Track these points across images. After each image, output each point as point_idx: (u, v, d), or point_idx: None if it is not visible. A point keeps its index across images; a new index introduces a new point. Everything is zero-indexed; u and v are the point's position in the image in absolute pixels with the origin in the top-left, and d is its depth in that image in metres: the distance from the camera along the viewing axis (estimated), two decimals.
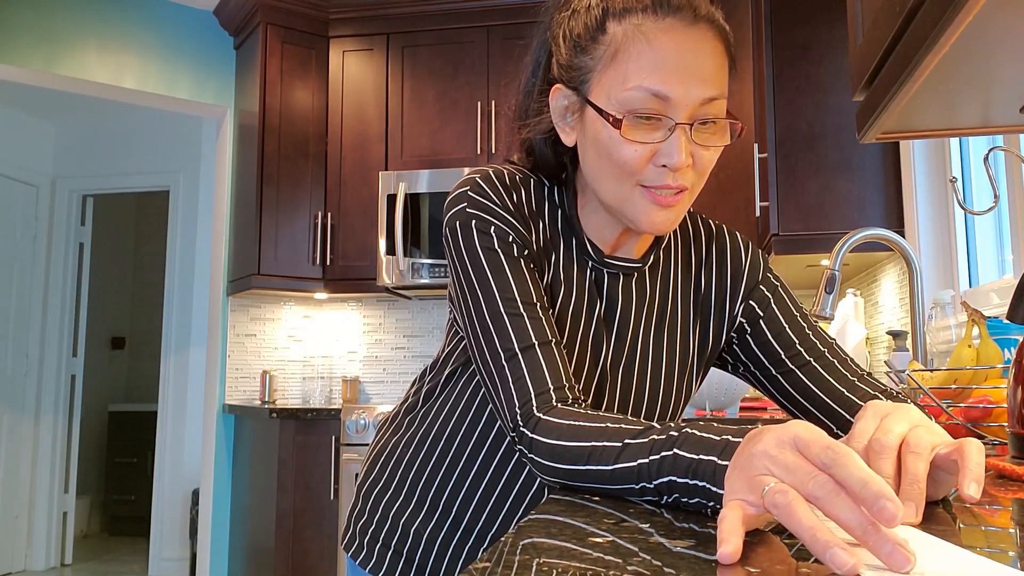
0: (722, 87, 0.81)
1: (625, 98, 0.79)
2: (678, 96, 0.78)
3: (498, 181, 0.88)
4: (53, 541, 4.60)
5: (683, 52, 0.78)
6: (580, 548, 0.52)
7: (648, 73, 0.78)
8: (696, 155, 0.81)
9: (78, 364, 4.77)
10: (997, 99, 1.00)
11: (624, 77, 0.79)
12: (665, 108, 0.78)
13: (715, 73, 0.80)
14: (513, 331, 0.80)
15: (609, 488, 0.70)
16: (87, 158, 4.80)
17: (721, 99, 0.80)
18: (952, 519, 0.62)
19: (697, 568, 0.46)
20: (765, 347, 0.96)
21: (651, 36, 0.78)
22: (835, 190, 2.38)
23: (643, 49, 0.78)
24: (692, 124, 0.79)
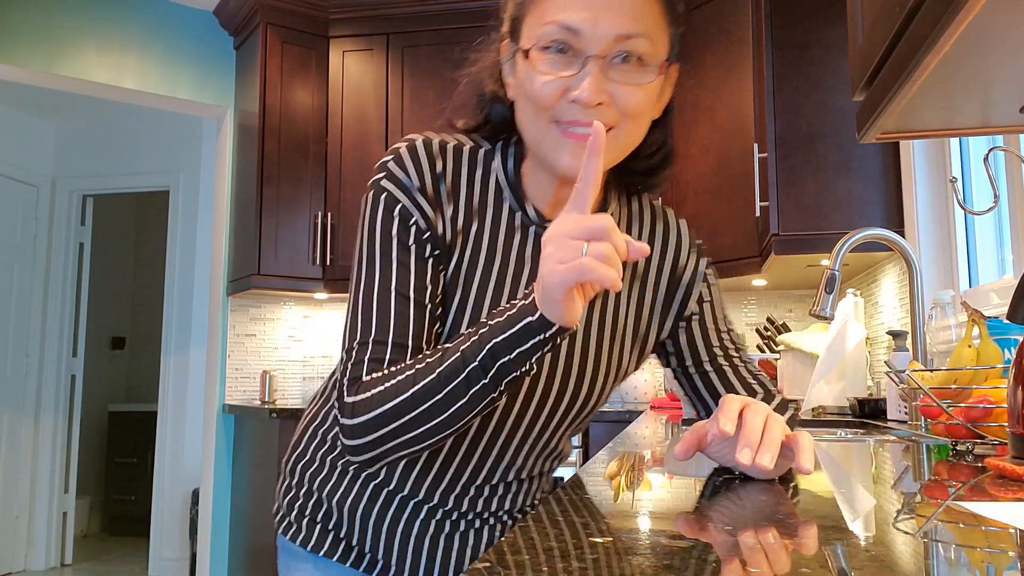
0: (643, 25, 0.79)
1: (540, 34, 0.80)
2: (587, 29, 0.78)
3: (424, 153, 0.87)
4: (53, 541, 4.60)
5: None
6: (580, 548, 0.52)
7: (561, 8, 0.78)
8: (615, 93, 0.80)
9: (78, 364, 4.77)
10: (997, 99, 1.00)
11: (542, 14, 0.80)
12: (577, 42, 0.78)
13: (635, 9, 0.78)
14: (376, 319, 0.81)
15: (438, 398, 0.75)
16: (87, 158, 4.80)
17: (641, 37, 0.79)
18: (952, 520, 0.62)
19: (697, 568, 0.46)
20: (691, 344, 0.99)
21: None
22: (835, 190, 2.38)
23: None
24: (607, 59, 0.79)
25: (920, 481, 0.89)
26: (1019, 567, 0.47)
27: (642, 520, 0.63)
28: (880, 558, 0.50)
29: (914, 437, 1.49)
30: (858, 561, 0.49)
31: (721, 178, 2.89)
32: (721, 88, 2.91)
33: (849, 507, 0.70)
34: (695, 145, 3.03)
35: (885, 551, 0.52)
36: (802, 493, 0.78)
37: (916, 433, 1.55)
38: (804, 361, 2.52)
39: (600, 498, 0.74)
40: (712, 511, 0.68)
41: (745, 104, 2.77)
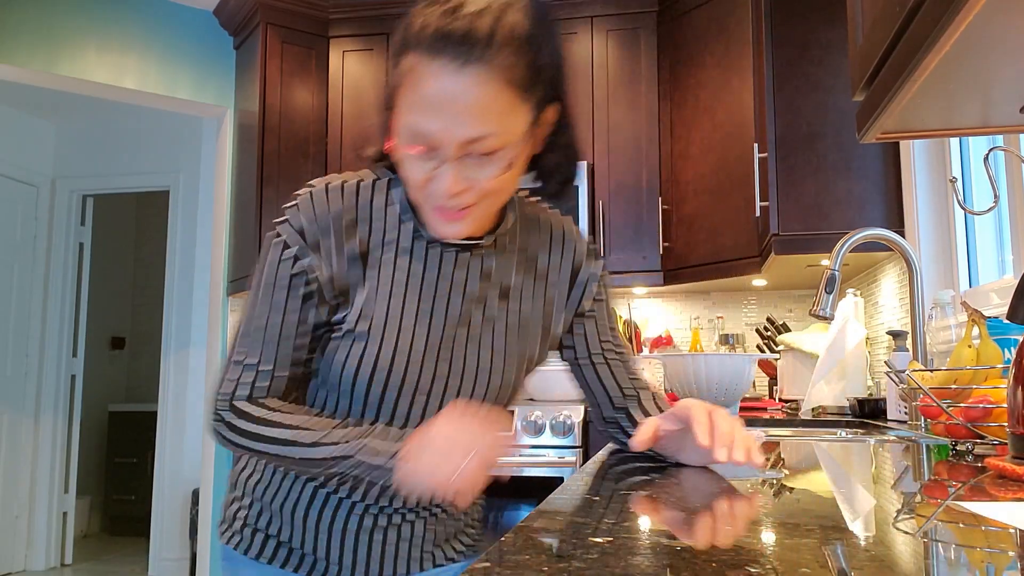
0: (490, 124, 0.82)
1: (402, 128, 0.85)
2: (438, 137, 0.82)
3: (321, 200, 0.93)
4: (53, 541, 4.60)
5: (445, 95, 0.81)
6: (580, 548, 0.52)
7: (414, 112, 0.83)
8: (474, 179, 0.85)
9: (78, 364, 4.77)
10: (997, 99, 1.01)
11: (403, 107, 0.85)
12: (431, 143, 0.83)
13: (484, 114, 0.82)
14: (250, 345, 0.92)
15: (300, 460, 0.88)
16: (87, 158, 4.80)
17: (488, 137, 0.83)
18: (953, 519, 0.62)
19: (697, 567, 0.46)
20: (585, 339, 1.09)
21: (422, 76, 0.82)
22: (835, 190, 2.38)
23: (416, 87, 0.83)
24: (460, 158, 0.84)
25: (920, 481, 0.89)
26: (1019, 567, 0.47)
27: (642, 520, 0.63)
28: (880, 558, 0.50)
29: (914, 437, 1.49)
30: (858, 561, 0.49)
31: (721, 178, 2.89)
32: (721, 88, 2.91)
33: (849, 507, 0.70)
34: (695, 145, 3.03)
35: (885, 551, 0.52)
36: (802, 493, 0.78)
37: (916, 433, 1.55)
38: (804, 361, 2.52)
39: (600, 498, 0.74)
40: (712, 511, 0.68)
41: (745, 104, 2.77)
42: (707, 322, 3.41)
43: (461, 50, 0.80)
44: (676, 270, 3.08)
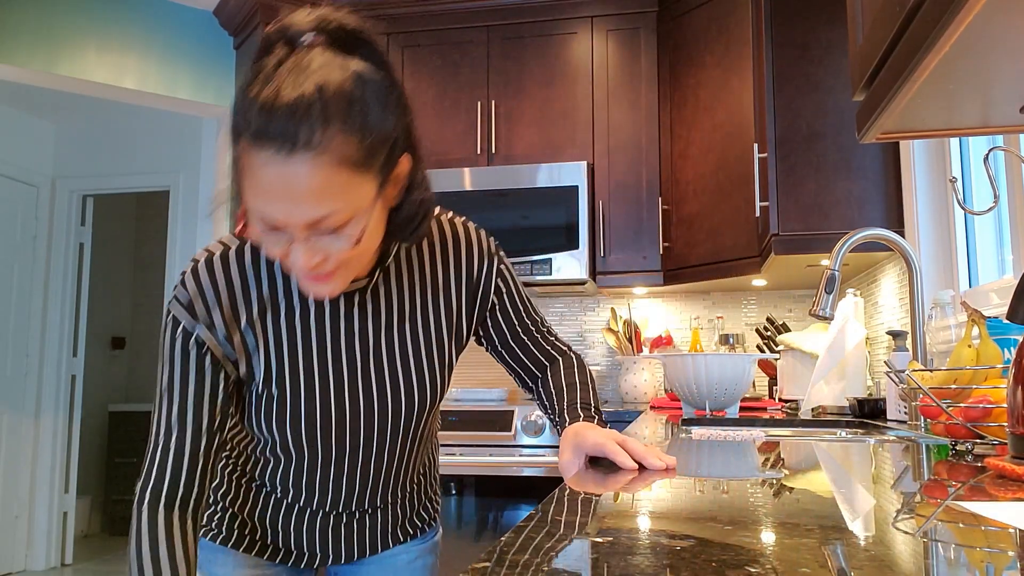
0: (330, 204, 0.81)
1: (250, 209, 0.84)
2: (281, 223, 0.82)
3: (205, 273, 0.97)
4: (53, 541, 4.60)
5: (278, 184, 0.80)
6: (580, 547, 0.52)
7: (255, 198, 0.82)
8: (328, 252, 0.86)
9: (78, 364, 4.77)
10: (997, 99, 1.01)
11: (246, 193, 0.84)
12: (276, 226, 0.83)
13: (322, 197, 0.80)
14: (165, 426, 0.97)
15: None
16: (87, 158, 4.80)
17: (331, 216, 0.82)
18: (952, 519, 0.62)
19: (697, 567, 0.46)
20: (497, 327, 1.16)
21: (254, 165, 0.81)
22: (835, 190, 2.38)
23: (251, 174, 0.81)
24: (307, 235, 0.84)
25: (920, 481, 0.89)
26: (1019, 567, 0.47)
27: (642, 520, 0.63)
28: (880, 558, 0.50)
29: (914, 437, 1.49)
30: (858, 561, 0.49)
31: (721, 178, 2.89)
32: (721, 88, 2.91)
33: (849, 507, 0.70)
34: (695, 145, 3.03)
35: (885, 551, 0.52)
36: (802, 493, 0.78)
37: (916, 433, 1.55)
38: (804, 361, 2.52)
39: (601, 498, 0.74)
40: (712, 511, 0.68)
41: (745, 104, 2.78)
42: (707, 322, 3.42)
43: (286, 139, 0.78)
44: (676, 270, 3.08)
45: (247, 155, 0.81)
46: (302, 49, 0.84)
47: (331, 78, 0.81)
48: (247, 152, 0.81)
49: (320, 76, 0.80)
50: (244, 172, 0.82)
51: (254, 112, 0.80)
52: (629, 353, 3.25)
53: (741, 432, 1.64)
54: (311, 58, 0.82)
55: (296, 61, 0.82)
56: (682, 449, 1.25)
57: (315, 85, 0.80)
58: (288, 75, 0.80)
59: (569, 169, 3.08)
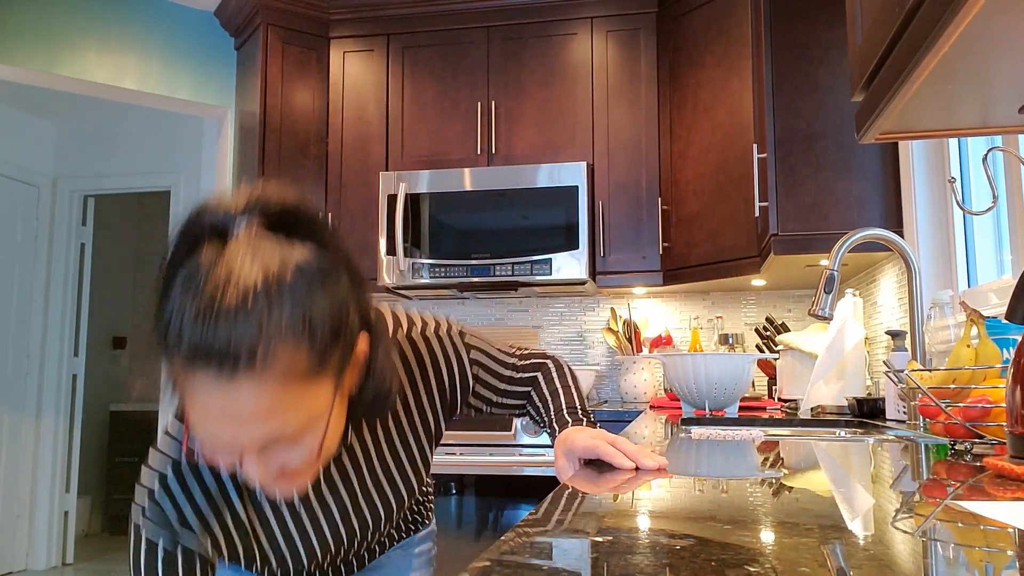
0: (286, 419, 0.74)
1: (193, 424, 0.76)
2: (230, 443, 0.75)
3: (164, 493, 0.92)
4: (54, 540, 4.60)
5: (222, 408, 0.72)
6: (580, 547, 0.52)
7: (199, 419, 0.74)
8: (285, 464, 0.79)
9: (79, 364, 4.77)
10: (996, 99, 1.01)
11: (190, 411, 0.75)
12: (225, 447, 0.76)
13: (271, 416, 0.73)
14: None
15: None
16: (88, 158, 4.80)
17: (289, 427, 0.75)
18: (952, 519, 0.62)
19: (697, 567, 0.47)
20: (486, 392, 1.16)
21: (193, 386, 0.72)
22: (834, 190, 2.38)
23: (191, 396, 0.73)
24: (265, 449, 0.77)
25: (919, 480, 0.89)
26: (1018, 566, 0.48)
27: (642, 520, 0.63)
28: (879, 557, 0.50)
29: (913, 437, 1.50)
30: (857, 560, 0.49)
31: (721, 178, 2.89)
32: (721, 88, 2.92)
33: (848, 506, 0.71)
34: (695, 145, 3.03)
35: (884, 550, 0.52)
36: (802, 493, 0.78)
37: (915, 433, 1.55)
38: (803, 361, 2.52)
39: (600, 497, 0.74)
40: (711, 510, 0.68)
41: (745, 104, 2.78)
42: (706, 322, 3.42)
43: (225, 363, 0.70)
44: (675, 270, 3.08)
45: (184, 376, 0.72)
46: (234, 241, 0.75)
47: (271, 281, 0.72)
48: (183, 373, 0.72)
49: (258, 280, 0.72)
50: (182, 390, 0.74)
51: (186, 329, 0.70)
52: (629, 353, 3.26)
53: (740, 432, 1.64)
54: (244, 255, 0.73)
55: (228, 261, 0.73)
56: (682, 449, 1.25)
57: (253, 294, 0.71)
58: (221, 281, 0.71)
59: (569, 169, 3.08)
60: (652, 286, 3.16)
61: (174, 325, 0.72)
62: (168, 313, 0.73)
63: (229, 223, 0.77)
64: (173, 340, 0.72)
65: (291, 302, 0.72)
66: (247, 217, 0.77)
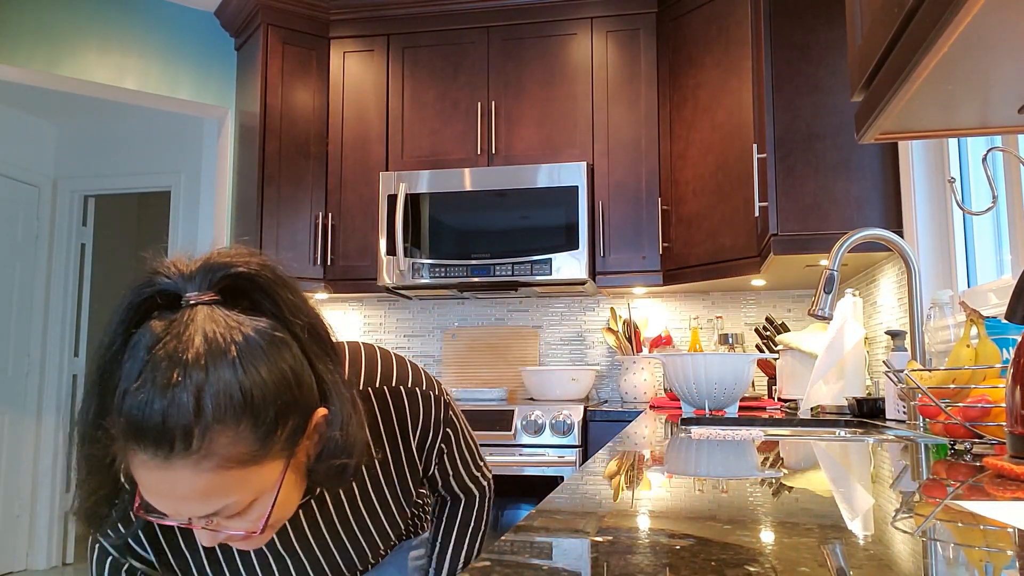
0: (226, 500, 0.72)
1: (141, 493, 0.74)
2: (174, 517, 0.74)
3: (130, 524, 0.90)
4: (54, 540, 4.60)
5: (161, 486, 0.71)
6: (580, 547, 0.52)
7: (145, 487, 0.72)
8: (235, 531, 0.77)
9: (80, 364, 4.77)
10: (995, 100, 1.01)
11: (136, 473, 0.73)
12: (171, 517, 0.75)
13: (208, 497, 0.71)
14: None
15: None
16: (88, 158, 4.80)
17: (233, 503, 0.73)
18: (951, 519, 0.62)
19: (696, 566, 0.47)
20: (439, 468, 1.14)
21: (132, 460, 0.71)
22: (834, 190, 2.38)
23: (132, 468, 0.72)
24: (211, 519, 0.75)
25: (918, 480, 0.89)
26: (1017, 566, 0.48)
27: (642, 519, 0.63)
28: (879, 557, 0.50)
29: (913, 437, 1.50)
30: (857, 560, 0.49)
31: (720, 178, 2.89)
32: (720, 89, 2.92)
33: (848, 506, 0.71)
34: (694, 145, 3.03)
35: (884, 550, 0.53)
36: (802, 493, 0.78)
37: (915, 433, 1.55)
38: (803, 361, 2.52)
39: (600, 497, 0.74)
40: (711, 510, 0.68)
41: (744, 105, 2.78)
42: (706, 322, 3.42)
43: (161, 446, 0.68)
44: (675, 270, 3.08)
45: (125, 450, 0.71)
46: (183, 312, 0.73)
47: (214, 357, 0.70)
48: (123, 446, 0.71)
49: (201, 356, 0.69)
50: (125, 458, 0.73)
51: (125, 404, 0.69)
52: (629, 353, 3.26)
53: (740, 432, 1.65)
54: (190, 329, 0.71)
55: (173, 338, 0.71)
56: (682, 449, 1.25)
57: (192, 372, 0.69)
58: (162, 357, 0.69)
59: (569, 169, 3.08)
60: (652, 286, 3.16)
61: (117, 396, 0.71)
62: (115, 383, 0.71)
63: (180, 291, 0.74)
64: (116, 412, 0.71)
65: (234, 385, 0.70)
66: (199, 285, 0.74)
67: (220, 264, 0.76)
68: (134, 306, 0.75)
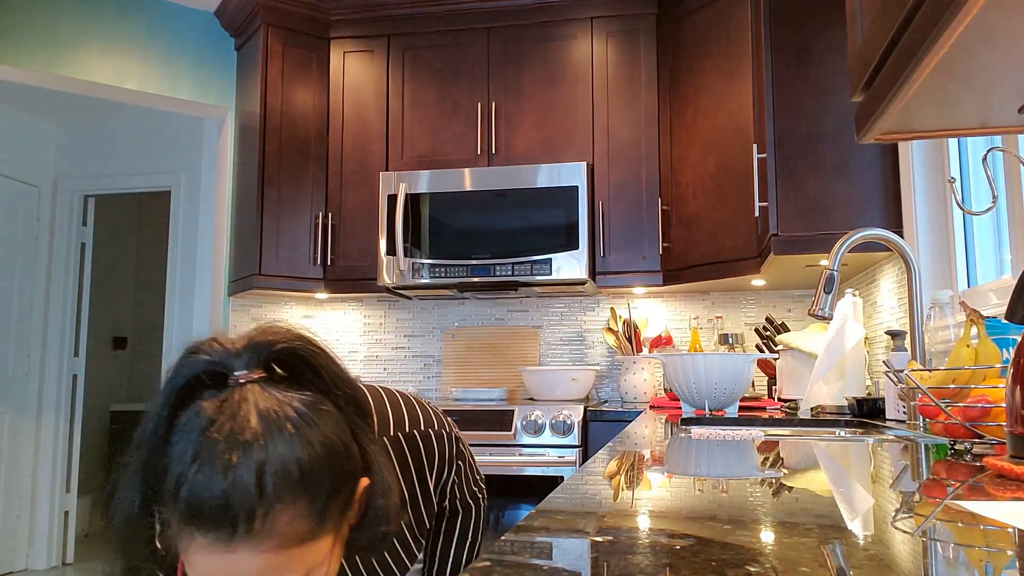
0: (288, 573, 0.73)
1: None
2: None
3: None
4: (55, 540, 4.60)
5: (221, 571, 0.70)
6: (580, 547, 0.52)
7: (194, 572, 0.72)
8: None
9: (80, 364, 4.77)
10: (995, 100, 1.01)
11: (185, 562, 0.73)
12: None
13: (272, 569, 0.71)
14: None
15: None
16: (89, 158, 4.80)
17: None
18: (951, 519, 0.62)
19: (697, 566, 0.47)
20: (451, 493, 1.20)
21: (190, 546, 0.71)
22: (834, 190, 2.38)
23: (188, 554, 0.72)
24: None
25: (918, 480, 0.89)
26: (1017, 566, 0.48)
27: (642, 519, 0.63)
28: (879, 557, 0.50)
29: (913, 436, 1.50)
30: (857, 560, 0.49)
31: (721, 179, 2.89)
32: (720, 89, 2.92)
33: (848, 506, 0.71)
34: (694, 146, 3.03)
35: (884, 550, 0.53)
36: (802, 493, 0.78)
37: (915, 433, 1.55)
38: (803, 361, 2.52)
39: (600, 497, 0.74)
40: (711, 510, 0.68)
41: (744, 105, 2.78)
42: (706, 322, 3.42)
43: (222, 530, 0.69)
44: (675, 270, 3.08)
45: (181, 534, 0.71)
46: (232, 392, 0.73)
47: (272, 437, 0.70)
48: (180, 531, 0.71)
49: (258, 438, 0.70)
50: (179, 545, 0.72)
51: (184, 493, 0.69)
52: (629, 353, 3.26)
53: (740, 432, 1.65)
54: (245, 412, 0.71)
55: (228, 419, 0.71)
56: (681, 448, 1.25)
57: (253, 460, 0.69)
58: (219, 445, 0.70)
59: (569, 169, 3.08)
60: (652, 286, 3.17)
61: (170, 480, 0.70)
62: (167, 463, 0.71)
63: (228, 369, 0.75)
64: (170, 496, 0.70)
65: (291, 457, 0.70)
66: (247, 363, 0.75)
67: (265, 342, 0.77)
68: (178, 387, 0.75)
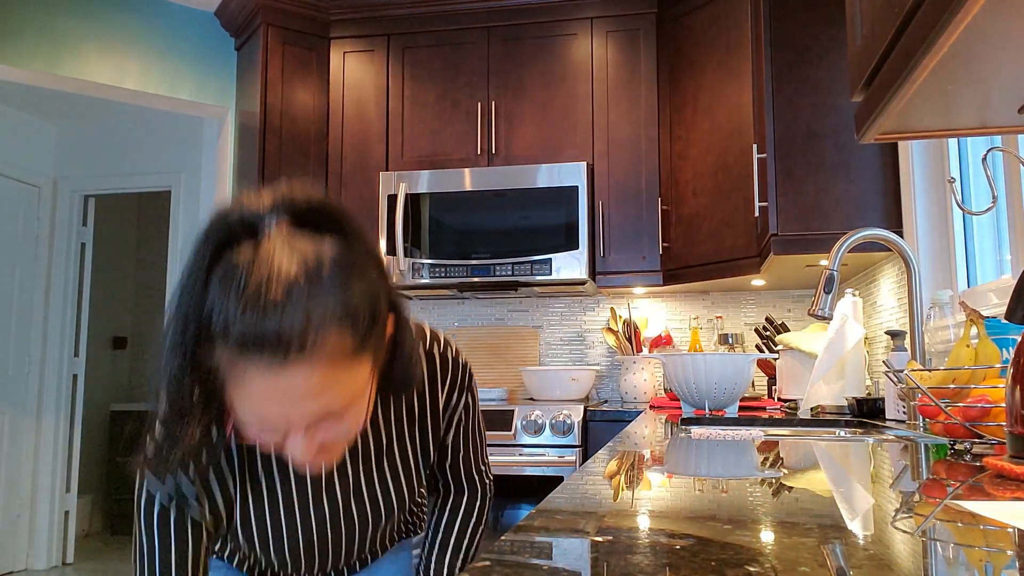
0: (333, 398, 0.79)
1: (240, 410, 0.80)
2: (280, 422, 0.79)
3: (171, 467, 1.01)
4: (55, 540, 4.60)
5: (275, 392, 0.76)
6: (580, 547, 0.52)
7: (248, 402, 0.78)
8: (329, 440, 0.84)
9: (80, 364, 4.77)
10: (995, 100, 1.01)
11: (236, 397, 0.79)
12: (274, 426, 0.80)
13: (320, 394, 0.78)
14: None
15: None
16: (89, 158, 4.80)
17: (335, 404, 0.80)
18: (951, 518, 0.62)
19: (696, 566, 0.47)
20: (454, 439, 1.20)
21: (243, 373, 0.76)
22: (834, 190, 2.38)
23: (240, 383, 0.77)
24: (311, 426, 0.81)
25: (918, 480, 0.89)
26: (1017, 566, 0.48)
27: (642, 519, 0.63)
28: (878, 557, 0.50)
29: (912, 436, 1.50)
30: (856, 560, 0.49)
31: (720, 178, 2.89)
32: (720, 89, 2.92)
33: (848, 506, 0.71)
34: (694, 146, 3.03)
35: (883, 550, 0.53)
36: (801, 493, 0.78)
37: (915, 432, 1.55)
38: (803, 361, 2.52)
39: (600, 497, 0.74)
40: (711, 510, 0.68)
41: (744, 105, 2.78)
42: (706, 322, 3.42)
43: (278, 350, 0.74)
44: (675, 270, 3.08)
45: (232, 364, 0.76)
46: (267, 239, 0.79)
47: (311, 274, 0.77)
48: (233, 362, 0.76)
49: (299, 273, 0.76)
50: (230, 378, 0.78)
51: (234, 323, 0.74)
52: (629, 353, 3.26)
53: (740, 432, 1.65)
54: (281, 251, 0.77)
55: (266, 257, 0.77)
56: (681, 448, 1.25)
57: (297, 287, 0.75)
58: (263, 277, 0.75)
59: (569, 169, 3.08)
60: (652, 286, 3.17)
61: (218, 319, 0.75)
62: (209, 309, 0.76)
63: (259, 222, 0.80)
64: (219, 333, 0.76)
65: (332, 291, 0.77)
66: (276, 215, 0.81)
67: (292, 195, 0.83)
68: (213, 240, 0.79)
